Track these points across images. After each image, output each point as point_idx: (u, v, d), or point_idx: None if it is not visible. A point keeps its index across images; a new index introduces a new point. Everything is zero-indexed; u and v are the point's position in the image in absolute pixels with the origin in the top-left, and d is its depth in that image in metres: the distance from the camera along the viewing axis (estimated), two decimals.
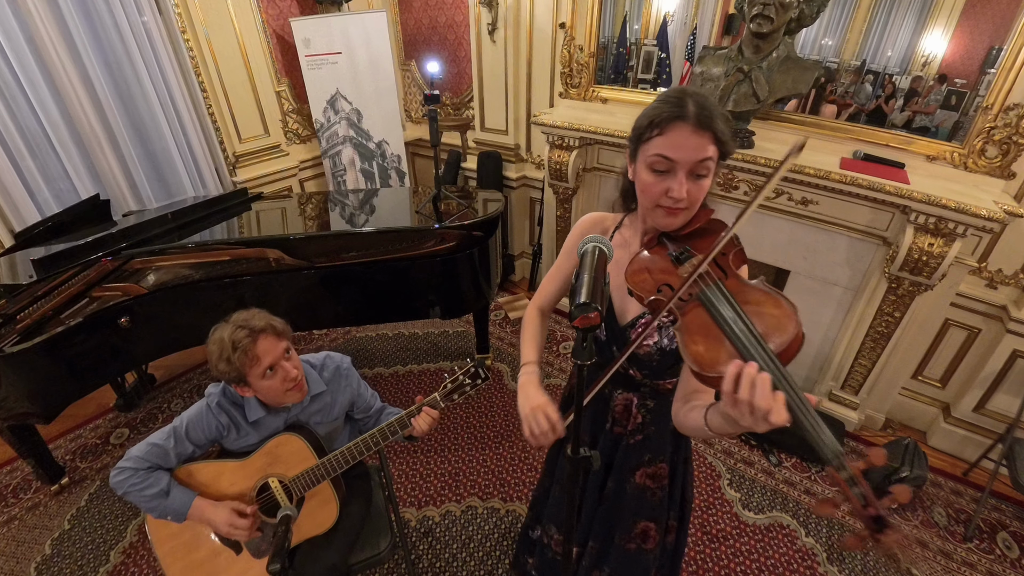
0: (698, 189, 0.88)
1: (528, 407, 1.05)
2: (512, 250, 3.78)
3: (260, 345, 1.26)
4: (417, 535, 2.09)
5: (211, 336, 1.28)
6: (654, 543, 1.27)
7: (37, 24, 2.39)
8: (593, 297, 0.69)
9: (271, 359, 1.27)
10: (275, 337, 1.30)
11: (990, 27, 1.84)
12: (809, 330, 2.51)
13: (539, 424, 1.02)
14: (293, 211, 2.84)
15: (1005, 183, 1.91)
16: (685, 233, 0.92)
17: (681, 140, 0.85)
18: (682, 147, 0.85)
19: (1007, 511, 2.19)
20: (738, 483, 2.30)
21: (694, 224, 0.92)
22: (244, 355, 1.23)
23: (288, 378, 1.31)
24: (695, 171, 0.87)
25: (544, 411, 1.03)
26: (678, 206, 0.89)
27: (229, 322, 1.28)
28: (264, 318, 1.31)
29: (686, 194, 0.87)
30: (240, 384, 1.29)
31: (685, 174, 0.87)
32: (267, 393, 1.32)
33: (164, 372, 2.96)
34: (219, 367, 1.25)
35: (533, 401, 1.05)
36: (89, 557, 2.01)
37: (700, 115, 0.84)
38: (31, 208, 2.58)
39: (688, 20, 2.54)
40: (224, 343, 1.24)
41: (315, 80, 3.43)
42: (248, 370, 1.25)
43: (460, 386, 1.38)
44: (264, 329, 1.28)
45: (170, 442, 1.32)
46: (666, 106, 0.86)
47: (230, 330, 1.25)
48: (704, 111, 0.84)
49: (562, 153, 2.82)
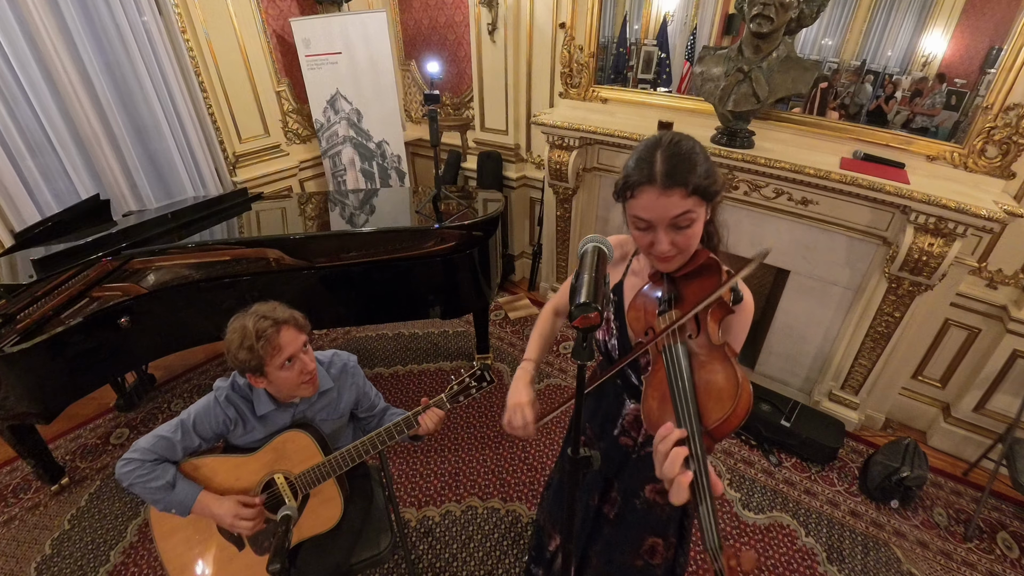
0: (685, 238, 0.89)
1: (512, 400, 1.15)
2: (512, 250, 3.78)
3: (283, 336, 1.28)
4: (417, 535, 2.09)
5: (231, 325, 1.29)
6: (661, 558, 1.27)
7: (37, 24, 2.39)
8: (593, 297, 0.69)
9: (292, 350, 1.29)
10: (296, 329, 1.32)
11: (990, 27, 1.84)
12: (809, 330, 2.53)
13: (515, 419, 1.12)
14: (293, 211, 2.84)
15: (1005, 183, 1.91)
16: (683, 274, 0.94)
17: (650, 203, 0.86)
18: (653, 209, 0.86)
19: (1007, 511, 2.19)
20: (738, 483, 2.30)
21: (691, 265, 0.93)
22: (267, 344, 1.25)
23: (305, 371, 1.33)
24: (676, 224, 0.88)
25: (523, 409, 1.12)
26: (666, 256, 0.91)
27: (250, 312, 1.30)
28: (286, 310, 1.33)
29: (670, 246, 0.89)
30: (257, 374, 1.30)
31: (664, 229, 0.88)
32: (282, 385, 1.33)
33: (164, 372, 2.96)
34: (239, 355, 1.26)
35: (517, 397, 1.15)
36: (89, 557, 2.01)
37: (668, 173, 0.84)
38: (31, 208, 2.58)
39: (688, 20, 2.54)
40: (247, 331, 1.25)
41: (315, 80, 3.43)
42: (269, 359, 1.27)
43: (466, 388, 1.40)
44: (287, 320, 1.30)
45: (177, 435, 1.32)
46: (636, 167, 0.87)
47: (253, 319, 1.27)
48: (674, 169, 0.84)
49: (562, 153, 2.82)
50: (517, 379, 1.18)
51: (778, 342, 2.66)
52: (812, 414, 2.48)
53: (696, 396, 0.77)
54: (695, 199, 0.86)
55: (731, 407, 0.73)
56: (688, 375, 0.79)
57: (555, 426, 2.59)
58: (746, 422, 2.62)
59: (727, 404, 0.74)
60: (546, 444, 2.49)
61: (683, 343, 0.84)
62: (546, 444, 2.49)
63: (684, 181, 0.84)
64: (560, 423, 2.60)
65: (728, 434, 0.74)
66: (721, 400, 0.75)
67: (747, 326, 0.98)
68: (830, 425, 2.42)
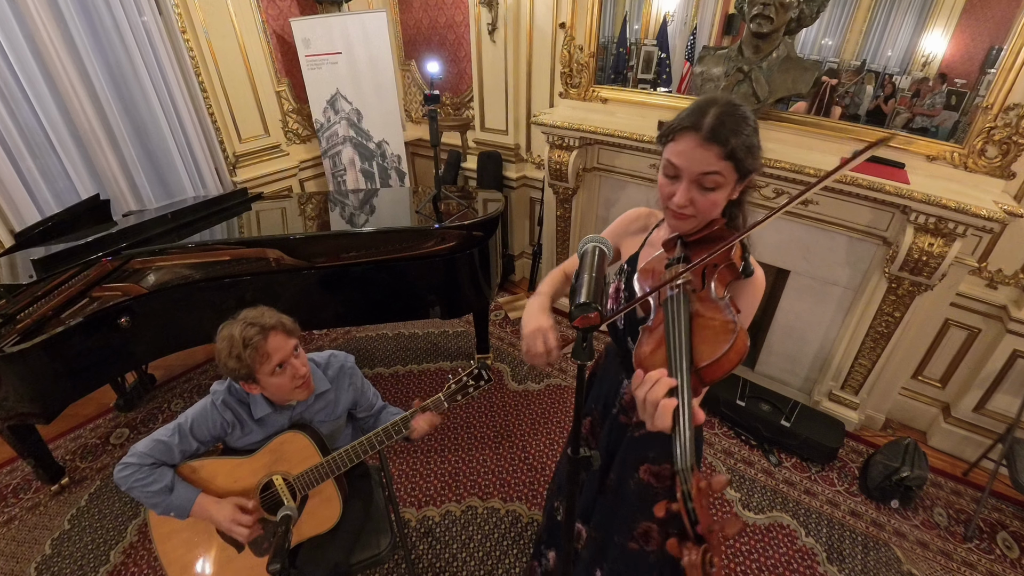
0: (705, 200, 0.89)
1: (531, 326, 1.04)
2: (512, 250, 3.78)
3: (271, 342, 1.26)
4: (417, 535, 2.09)
5: (220, 333, 1.28)
6: (656, 545, 1.27)
7: (37, 24, 2.39)
8: (594, 297, 0.70)
9: (281, 356, 1.28)
10: (285, 335, 1.31)
11: (990, 27, 1.84)
12: (809, 330, 2.53)
13: (536, 345, 1.02)
14: (293, 211, 2.84)
15: (1005, 183, 1.91)
16: (695, 239, 0.93)
17: (687, 150, 0.86)
18: (687, 156, 0.87)
19: (1007, 511, 2.19)
20: (738, 483, 2.30)
21: (706, 231, 0.93)
22: (255, 352, 1.24)
23: (297, 375, 1.32)
24: (701, 183, 0.87)
25: (544, 334, 1.02)
26: (682, 211, 0.90)
27: (238, 319, 1.28)
28: (274, 316, 1.31)
29: (688, 202, 0.88)
30: (248, 381, 1.29)
31: (689, 183, 0.88)
32: (275, 390, 1.32)
33: (164, 372, 2.96)
34: (228, 364, 1.25)
35: (535, 323, 1.04)
36: (89, 557, 2.00)
37: (714, 128, 0.84)
38: (31, 208, 2.58)
39: (688, 20, 2.54)
40: (235, 340, 1.24)
41: (315, 80, 3.43)
42: (258, 367, 1.26)
43: (464, 387, 1.39)
44: (275, 326, 1.29)
45: (174, 438, 1.32)
46: (687, 113, 0.88)
47: (240, 327, 1.25)
48: (721, 125, 0.84)
49: (562, 153, 2.82)
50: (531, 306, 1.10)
51: (778, 342, 2.66)
52: (812, 414, 2.48)
53: (691, 339, 0.77)
54: (728, 164, 0.86)
55: (724, 350, 0.72)
56: (686, 321, 0.78)
57: (555, 425, 2.59)
58: (746, 421, 2.61)
59: (721, 347, 0.73)
60: (546, 444, 2.49)
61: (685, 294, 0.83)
62: (546, 444, 2.49)
63: (725, 141, 0.84)
64: (561, 421, 2.60)
65: (718, 379, 0.74)
66: (716, 343, 0.74)
67: (755, 303, 0.97)
68: (830, 425, 2.42)
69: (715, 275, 0.85)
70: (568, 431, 2.53)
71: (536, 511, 2.18)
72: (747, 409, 2.49)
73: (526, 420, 2.63)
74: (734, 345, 0.73)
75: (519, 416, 2.65)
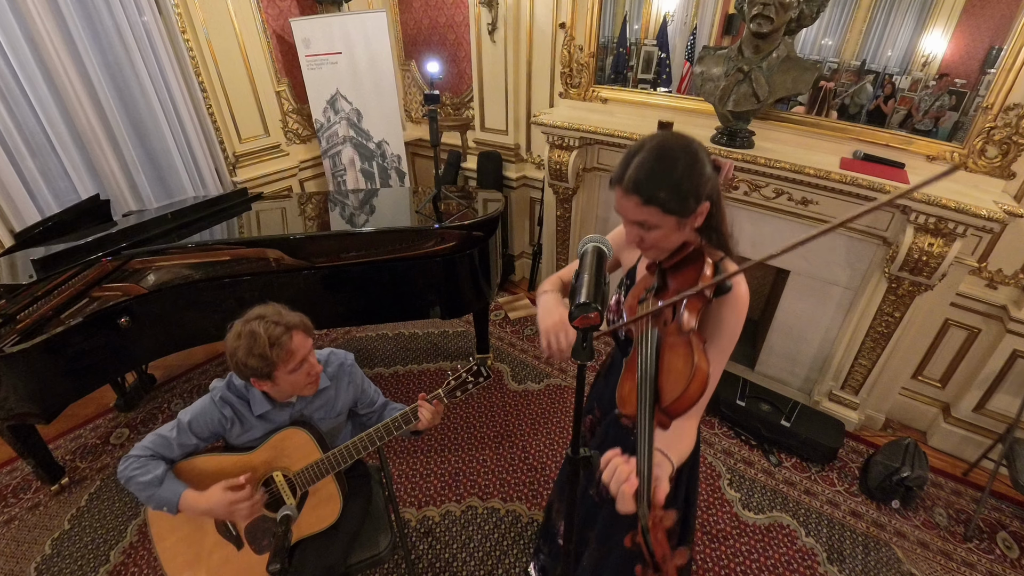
0: (652, 237, 0.93)
1: (550, 321, 1.06)
2: (512, 250, 3.78)
3: (295, 340, 1.27)
4: (417, 535, 2.09)
5: (236, 331, 1.26)
6: None
7: (37, 24, 2.39)
8: (593, 297, 0.70)
9: (303, 354, 1.30)
10: (305, 333, 1.32)
11: (990, 27, 1.84)
12: (809, 330, 2.53)
13: (558, 341, 1.03)
14: (293, 211, 2.83)
15: (1005, 183, 1.91)
16: (671, 264, 0.97)
17: (618, 199, 0.93)
18: (619, 205, 0.94)
19: (1007, 511, 2.19)
20: (738, 483, 2.30)
21: (678, 256, 0.96)
22: (281, 350, 1.24)
23: (312, 372, 1.34)
24: (640, 224, 0.92)
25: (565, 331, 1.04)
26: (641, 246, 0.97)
27: (254, 317, 1.27)
28: (293, 314, 1.32)
29: (639, 239, 0.94)
30: (264, 379, 1.28)
31: (631, 224, 0.94)
32: (289, 387, 1.32)
33: (164, 372, 2.96)
34: (249, 363, 1.24)
35: (555, 317, 1.06)
36: (89, 557, 2.01)
37: (635, 180, 0.88)
38: (31, 208, 2.58)
39: (688, 20, 2.54)
40: (259, 337, 1.23)
41: (315, 80, 3.43)
42: (282, 365, 1.26)
43: (463, 383, 1.40)
44: (297, 325, 1.30)
45: (173, 432, 1.33)
46: (618, 165, 0.92)
47: (263, 325, 1.24)
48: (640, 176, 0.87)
49: (562, 153, 2.82)
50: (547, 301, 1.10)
51: (778, 342, 2.66)
52: (812, 414, 2.48)
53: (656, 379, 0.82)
54: (653, 209, 0.89)
55: (683, 388, 0.78)
56: (653, 360, 0.83)
57: (555, 425, 2.59)
58: (747, 421, 2.60)
59: (680, 385, 0.78)
60: (546, 444, 2.49)
61: (657, 329, 0.86)
62: (546, 444, 2.49)
63: (643, 190, 0.88)
64: (561, 421, 2.60)
65: (682, 412, 0.79)
66: (677, 382, 0.79)
67: (739, 317, 0.97)
68: (830, 425, 2.42)
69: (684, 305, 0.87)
70: (568, 431, 2.53)
71: (536, 511, 2.18)
72: (747, 409, 2.49)
73: (526, 420, 2.63)
74: (692, 382, 0.77)
75: (519, 416, 2.65)
